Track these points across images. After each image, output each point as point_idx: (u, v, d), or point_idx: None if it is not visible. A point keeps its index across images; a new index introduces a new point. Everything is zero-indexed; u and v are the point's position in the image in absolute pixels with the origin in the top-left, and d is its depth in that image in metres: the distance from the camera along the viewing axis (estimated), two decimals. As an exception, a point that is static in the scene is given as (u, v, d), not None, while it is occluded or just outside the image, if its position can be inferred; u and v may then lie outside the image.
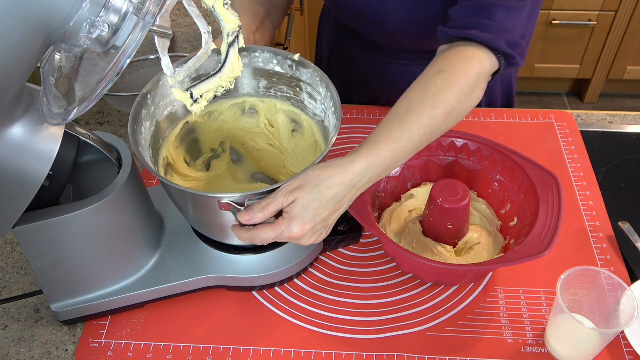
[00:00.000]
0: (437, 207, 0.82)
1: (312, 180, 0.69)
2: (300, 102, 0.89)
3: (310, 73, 0.84)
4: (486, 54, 0.78)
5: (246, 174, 0.94)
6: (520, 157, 0.86)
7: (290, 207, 0.69)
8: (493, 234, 0.88)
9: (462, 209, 0.81)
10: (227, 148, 0.93)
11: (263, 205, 0.69)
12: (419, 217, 0.89)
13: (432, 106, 0.73)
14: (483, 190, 0.92)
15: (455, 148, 0.91)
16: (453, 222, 0.83)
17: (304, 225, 0.69)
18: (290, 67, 0.86)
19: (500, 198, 0.89)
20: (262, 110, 0.92)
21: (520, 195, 0.86)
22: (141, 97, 0.79)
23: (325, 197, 0.69)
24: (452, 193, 0.81)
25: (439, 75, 0.75)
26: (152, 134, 0.81)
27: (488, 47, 0.78)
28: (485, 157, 0.89)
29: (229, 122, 0.92)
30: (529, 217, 0.82)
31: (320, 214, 0.70)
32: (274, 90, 0.90)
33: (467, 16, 0.80)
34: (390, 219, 0.90)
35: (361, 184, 0.72)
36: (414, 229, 0.87)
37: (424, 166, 0.93)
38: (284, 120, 0.92)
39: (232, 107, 0.92)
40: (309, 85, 0.85)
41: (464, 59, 0.77)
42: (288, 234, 0.70)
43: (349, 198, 0.72)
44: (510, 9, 0.79)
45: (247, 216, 0.70)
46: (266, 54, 0.86)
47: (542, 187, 0.82)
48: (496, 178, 0.89)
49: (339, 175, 0.70)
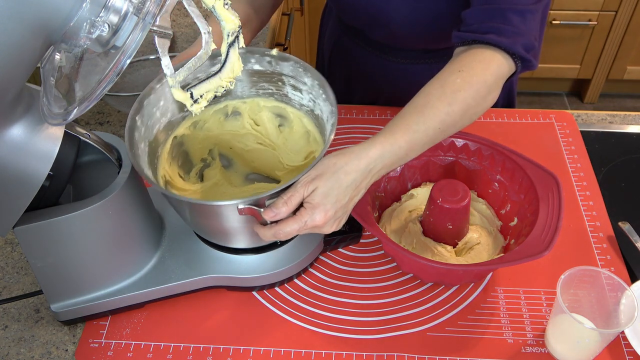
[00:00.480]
0: (437, 207, 0.82)
1: (330, 168, 0.71)
2: (284, 96, 0.88)
3: (291, 65, 0.84)
4: (504, 57, 0.79)
5: (240, 177, 0.94)
6: (520, 157, 0.86)
7: (310, 197, 0.70)
8: (493, 234, 0.88)
9: (462, 209, 0.81)
10: (215, 155, 0.93)
11: (285, 199, 0.70)
12: (419, 217, 0.89)
13: (449, 103, 0.75)
14: (483, 190, 0.92)
15: (455, 148, 0.91)
16: (453, 222, 0.83)
17: (327, 212, 0.71)
18: (270, 63, 0.85)
19: (500, 198, 0.89)
20: (245, 111, 0.91)
21: (520, 195, 0.86)
22: (130, 120, 0.77)
23: (344, 183, 0.71)
24: (452, 193, 0.81)
25: (458, 74, 0.77)
26: (147, 154, 0.81)
27: (506, 51, 0.79)
28: (485, 157, 0.90)
29: (214, 128, 0.91)
30: (529, 217, 0.82)
31: (340, 200, 0.71)
32: (255, 88, 0.89)
33: (483, 20, 0.81)
34: (390, 219, 0.90)
35: (376, 170, 0.73)
36: (414, 229, 0.87)
37: (423, 166, 0.93)
38: (269, 117, 0.91)
39: (215, 114, 0.90)
40: (292, 77, 0.85)
41: (483, 61, 0.78)
42: (312, 222, 0.71)
43: (365, 183, 0.74)
44: (525, 12, 0.80)
45: (271, 212, 0.70)
46: (245, 54, 0.85)
47: (542, 187, 0.82)
48: (496, 178, 0.89)
49: (355, 161, 0.71)
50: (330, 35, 1.23)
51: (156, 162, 0.84)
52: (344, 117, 1.12)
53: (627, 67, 2.57)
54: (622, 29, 2.41)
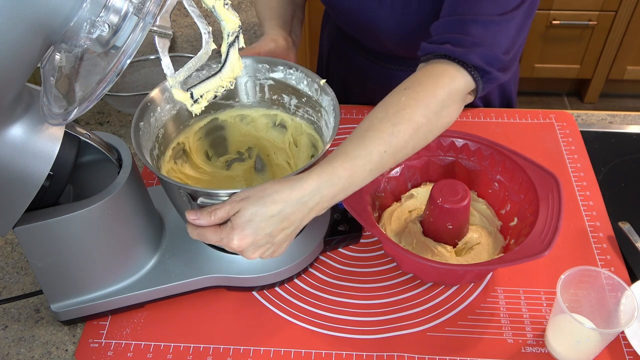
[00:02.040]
0: (437, 207, 0.82)
1: (259, 192, 0.67)
2: (320, 128, 0.88)
3: (329, 100, 0.84)
4: (457, 70, 0.75)
5: (261, 183, 0.95)
6: (520, 157, 0.86)
7: (234, 217, 0.68)
8: (493, 234, 0.88)
9: (462, 209, 0.81)
10: (253, 155, 0.94)
11: (211, 210, 0.69)
12: (419, 217, 0.89)
13: (393, 123, 0.70)
14: (483, 190, 0.92)
15: (456, 148, 0.91)
16: (453, 222, 0.83)
17: (244, 237, 0.67)
18: (316, 91, 0.86)
19: (500, 198, 0.89)
20: (290, 127, 0.93)
21: (520, 195, 0.86)
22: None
23: (268, 211, 0.66)
24: (452, 193, 0.81)
25: (403, 92, 0.73)
26: (172, 117, 0.83)
27: (460, 63, 0.75)
28: (485, 157, 0.90)
29: (260, 130, 0.93)
30: (529, 217, 0.82)
31: (263, 228, 0.67)
32: (302, 110, 0.90)
33: (444, 31, 0.78)
34: (390, 219, 0.90)
35: (313, 203, 0.68)
36: (414, 229, 0.87)
37: (424, 166, 0.93)
38: (307, 143, 0.92)
39: (263, 117, 0.93)
40: (327, 112, 0.85)
41: (432, 76, 0.75)
42: (227, 242, 0.68)
43: (299, 216, 0.69)
44: (487, 23, 0.75)
45: (194, 215, 0.70)
46: (299, 72, 0.87)
47: (542, 187, 0.82)
48: (496, 178, 0.89)
49: (287, 191, 0.67)
50: (329, 37, 1.24)
51: (181, 128, 0.86)
52: (343, 117, 1.12)
53: (627, 67, 2.57)
54: (622, 29, 2.41)
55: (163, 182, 0.77)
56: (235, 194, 0.69)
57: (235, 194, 0.69)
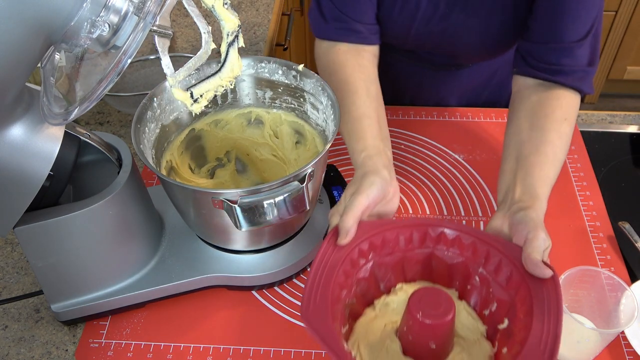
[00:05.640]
0: (417, 323, 0.65)
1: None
2: (304, 113, 0.89)
3: (313, 83, 0.84)
4: (575, 94, 0.86)
5: (249, 184, 0.94)
6: (505, 246, 0.71)
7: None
8: (478, 343, 0.71)
9: (446, 324, 0.66)
10: (232, 158, 0.93)
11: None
12: (396, 330, 0.71)
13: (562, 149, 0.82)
14: (463, 287, 0.76)
15: (431, 238, 0.75)
16: (437, 340, 0.66)
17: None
18: (295, 78, 0.86)
19: (483, 295, 0.73)
20: (267, 121, 0.92)
21: (509, 291, 0.70)
22: (147, 99, 0.80)
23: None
24: (433, 305, 0.65)
25: (564, 122, 0.83)
26: (156, 136, 0.82)
27: (577, 90, 0.85)
28: (466, 247, 0.74)
29: (235, 131, 0.93)
30: (522, 319, 0.67)
31: None
32: (279, 101, 0.90)
33: (553, 62, 0.85)
34: (364, 332, 0.72)
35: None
36: (392, 347, 0.70)
37: (397, 263, 0.76)
38: (288, 132, 0.92)
39: (238, 117, 0.92)
40: (312, 95, 0.85)
41: (564, 106, 0.85)
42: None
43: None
44: (584, 46, 0.84)
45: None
46: (272, 64, 0.87)
47: (534, 281, 0.68)
48: (478, 271, 0.73)
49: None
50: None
51: (165, 145, 0.85)
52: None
53: (627, 67, 2.57)
54: (622, 29, 2.41)
55: (163, 182, 0.77)
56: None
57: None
